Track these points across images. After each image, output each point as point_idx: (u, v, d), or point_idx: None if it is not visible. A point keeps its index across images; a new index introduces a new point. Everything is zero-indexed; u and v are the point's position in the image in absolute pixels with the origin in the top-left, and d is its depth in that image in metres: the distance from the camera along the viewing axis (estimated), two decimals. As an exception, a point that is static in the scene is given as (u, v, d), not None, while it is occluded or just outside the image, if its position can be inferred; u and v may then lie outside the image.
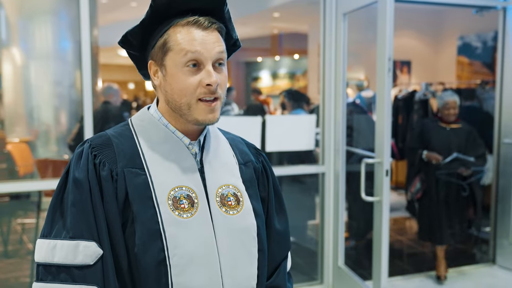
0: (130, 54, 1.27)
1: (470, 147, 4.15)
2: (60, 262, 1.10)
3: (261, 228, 1.27)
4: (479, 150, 4.16)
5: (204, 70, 1.14)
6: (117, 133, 1.22)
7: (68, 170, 1.18)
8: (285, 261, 1.38)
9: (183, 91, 1.14)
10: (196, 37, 1.14)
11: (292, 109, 4.70)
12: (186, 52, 1.13)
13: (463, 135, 4.18)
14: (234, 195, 1.23)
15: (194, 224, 1.16)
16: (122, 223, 1.14)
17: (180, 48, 1.13)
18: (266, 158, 1.41)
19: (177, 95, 1.15)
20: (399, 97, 6.82)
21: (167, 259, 1.12)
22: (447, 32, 7.86)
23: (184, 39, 1.14)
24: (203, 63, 1.14)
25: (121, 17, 8.70)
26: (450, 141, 4.15)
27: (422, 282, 4.11)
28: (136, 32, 1.20)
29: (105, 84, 4.72)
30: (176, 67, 1.14)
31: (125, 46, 1.24)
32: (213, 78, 1.13)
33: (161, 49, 1.16)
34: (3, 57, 5.29)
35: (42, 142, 5.05)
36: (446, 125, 4.19)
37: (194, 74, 1.14)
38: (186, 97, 1.14)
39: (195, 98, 1.14)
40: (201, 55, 1.13)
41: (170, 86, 1.16)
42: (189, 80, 1.14)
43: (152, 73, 1.21)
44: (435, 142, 4.16)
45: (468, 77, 7.35)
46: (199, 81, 1.14)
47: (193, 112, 1.15)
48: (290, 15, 8.58)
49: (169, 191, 1.15)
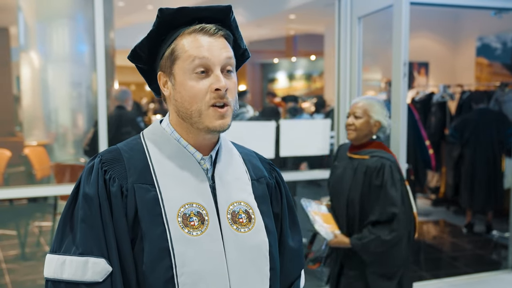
0: (139, 69, 1.26)
1: (367, 202, 2.38)
2: (69, 278, 1.09)
3: (273, 245, 1.24)
4: (382, 211, 2.32)
5: (212, 75, 1.13)
6: (129, 148, 1.21)
7: (79, 185, 1.17)
8: (298, 280, 1.34)
9: (193, 98, 1.13)
10: (203, 43, 1.13)
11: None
12: (193, 58, 1.12)
13: (360, 177, 2.39)
14: (246, 212, 1.21)
15: (204, 241, 1.13)
16: (131, 239, 1.13)
17: (188, 55, 1.13)
18: (280, 173, 1.38)
19: (188, 103, 1.14)
20: (416, 99, 6.74)
21: (175, 278, 1.10)
22: (465, 33, 7.75)
23: (191, 46, 1.13)
24: (211, 68, 1.13)
25: (137, 20, 8.76)
26: (339, 185, 2.51)
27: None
28: (144, 45, 1.19)
29: (119, 88, 4.73)
30: (184, 74, 1.13)
31: (134, 61, 1.23)
32: (221, 82, 1.12)
33: (169, 58, 1.16)
34: (21, 61, 5.36)
35: (59, 145, 5.10)
36: (349, 153, 2.52)
37: (203, 80, 1.13)
38: (196, 104, 1.13)
39: (206, 105, 1.13)
40: (209, 61, 1.12)
41: (180, 94, 1.15)
42: (198, 86, 1.13)
43: (162, 84, 1.20)
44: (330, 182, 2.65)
45: (487, 78, 7.23)
46: (208, 86, 1.12)
47: (204, 119, 1.14)
48: (306, 17, 8.55)
49: (179, 208, 1.14)
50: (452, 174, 5.87)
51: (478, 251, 4.87)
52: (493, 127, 5.45)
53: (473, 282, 4.18)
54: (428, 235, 5.61)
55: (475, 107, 5.63)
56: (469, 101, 5.96)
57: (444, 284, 4.13)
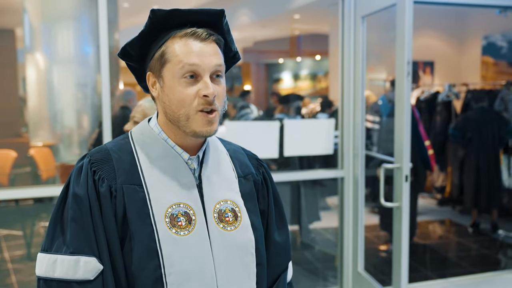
0: (129, 66, 1.28)
1: None
2: (61, 277, 1.12)
3: (259, 242, 1.26)
4: None
5: (201, 81, 1.14)
6: (117, 148, 1.22)
7: (68, 184, 1.19)
8: (285, 273, 1.37)
9: (181, 102, 1.14)
10: (193, 49, 1.14)
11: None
12: (183, 64, 1.13)
13: None
14: (232, 211, 1.23)
15: (191, 241, 1.16)
16: (121, 239, 1.15)
17: (178, 60, 1.14)
18: (267, 168, 1.40)
19: (175, 106, 1.15)
20: (421, 98, 6.72)
21: (163, 277, 1.12)
22: (471, 32, 7.71)
23: (181, 51, 1.14)
24: (201, 74, 1.14)
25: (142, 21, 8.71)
26: None
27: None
28: (135, 44, 1.21)
29: (123, 88, 4.76)
30: (173, 78, 1.15)
31: (124, 58, 1.24)
32: (210, 89, 1.13)
33: (159, 61, 1.17)
34: (27, 62, 5.39)
35: (64, 146, 5.12)
36: None
37: (192, 85, 1.14)
38: (184, 108, 1.15)
39: (194, 110, 1.14)
40: (199, 67, 1.14)
41: (168, 97, 1.16)
42: (186, 91, 1.14)
43: (151, 85, 1.22)
44: None
45: (493, 77, 7.19)
46: (196, 92, 1.14)
47: (191, 124, 1.15)
48: (311, 16, 8.54)
49: (167, 208, 1.16)
50: (457, 174, 5.85)
51: (484, 251, 4.85)
52: (493, 125, 5.45)
53: (479, 282, 4.16)
54: (433, 234, 5.59)
55: (475, 105, 5.63)
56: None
57: (449, 284, 4.11)
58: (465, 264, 4.57)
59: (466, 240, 5.30)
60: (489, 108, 5.66)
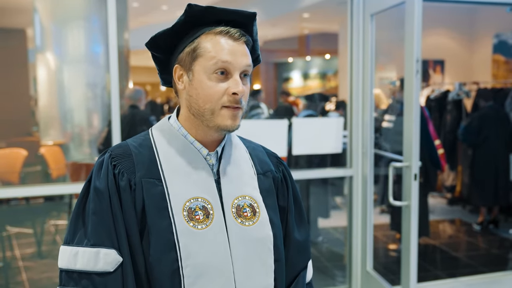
0: (154, 57, 1.30)
1: None
2: (82, 268, 1.14)
3: (278, 238, 1.27)
4: None
5: (231, 79, 1.17)
6: (137, 143, 1.25)
7: (90, 179, 1.22)
8: (305, 271, 1.36)
9: (209, 97, 1.17)
10: (226, 46, 1.17)
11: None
12: (216, 60, 1.16)
13: None
14: (250, 206, 1.24)
15: (209, 235, 1.17)
16: (140, 232, 1.17)
17: (211, 55, 1.16)
18: (287, 167, 1.41)
19: (202, 100, 1.18)
20: (432, 97, 6.68)
21: (180, 270, 1.14)
22: (481, 30, 7.64)
23: (215, 48, 1.17)
24: (231, 72, 1.17)
25: (152, 20, 8.82)
26: None
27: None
28: (166, 35, 1.23)
29: (133, 88, 4.78)
30: (204, 73, 1.17)
31: (152, 49, 1.27)
32: (239, 87, 1.16)
33: (190, 55, 1.19)
34: (38, 62, 5.43)
35: (74, 145, 5.16)
36: None
37: (222, 81, 1.17)
38: (211, 103, 1.17)
39: (219, 105, 1.17)
40: (230, 65, 1.16)
41: (196, 91, 1.18)
42: (216, 87, 1.16)
43: (177, 77, 1.23)
44: None
45: (504, 76, 7.13)
46: (225, 89, 1.16)
47: (215, 118, 1.18)
48: (320, 15, 8.52)
49: (185, 202, 1.18)
50: (468, 173, 5.81)
51: (494, 251, 4.81)
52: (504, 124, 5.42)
53: (489, 281, 4.13)
54: (444, 234, 5.56)
55: (483, 104, 5.59)
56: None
57: (459, 284, 4.09)
58: (475, 264, 4.54)
59: (476, 239, 5.26)
60: (498, 106, 5.62)
